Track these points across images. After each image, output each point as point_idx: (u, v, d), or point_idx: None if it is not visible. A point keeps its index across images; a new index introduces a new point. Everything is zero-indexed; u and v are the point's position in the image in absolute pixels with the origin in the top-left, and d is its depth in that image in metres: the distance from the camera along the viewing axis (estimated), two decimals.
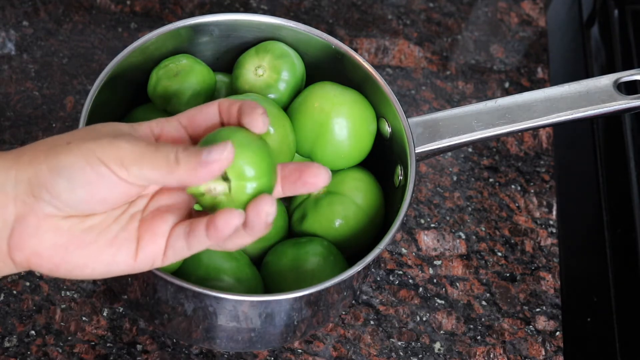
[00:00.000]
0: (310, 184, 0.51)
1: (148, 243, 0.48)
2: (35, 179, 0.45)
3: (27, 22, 0.80)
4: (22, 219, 0.46)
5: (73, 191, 0.45)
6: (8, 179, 0.46)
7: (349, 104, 0.64)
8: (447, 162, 0.78)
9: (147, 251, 0.48)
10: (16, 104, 0.75)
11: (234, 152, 0.46)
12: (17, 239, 0.46)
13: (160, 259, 0.49)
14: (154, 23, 0.82)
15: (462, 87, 0.83)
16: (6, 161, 0.46)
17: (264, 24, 0.66)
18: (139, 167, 0.46)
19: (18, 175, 0.46)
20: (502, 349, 0.69)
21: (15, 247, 0.46)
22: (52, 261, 0.47)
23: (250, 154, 0.48)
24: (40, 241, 0.46)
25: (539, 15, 0.89)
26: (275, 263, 0.62)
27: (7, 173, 0.46)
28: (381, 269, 0.71)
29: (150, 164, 0.46)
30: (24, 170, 0.46)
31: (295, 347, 0.66)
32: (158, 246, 0.48)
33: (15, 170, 0.46)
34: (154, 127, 0.50)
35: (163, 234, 0.48)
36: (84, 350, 0.64)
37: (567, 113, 0.65)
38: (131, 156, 0.46)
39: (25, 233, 0.46)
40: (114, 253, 0.48)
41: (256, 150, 0.48)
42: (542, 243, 0.74)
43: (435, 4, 0.88)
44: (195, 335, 0.61)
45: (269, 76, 0.64)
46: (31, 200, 0.46)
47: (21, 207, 0.46)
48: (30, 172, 0.46)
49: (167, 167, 0.46)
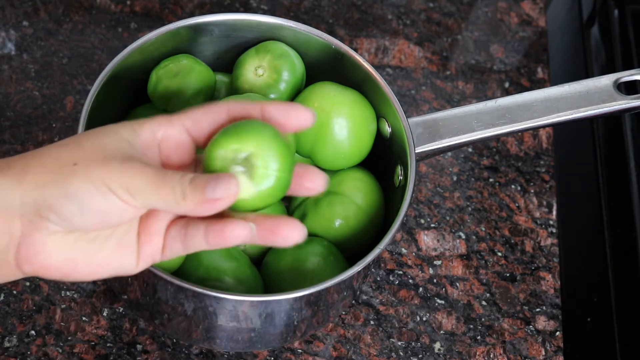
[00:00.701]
0: (307, 188, 0.51)
1: (145, 243, 0.48)
2: (43, 202, 0.45)
3: (27, 22, 0.80)
4: (29, 235, 0.46)
5: (83, 216, 0.45)
6: (14, 199, 0.45)
7: (349, 104, 0.64)
8: (447, 162, 0.78)
9: (146, 251, 0.48)
10: (16, 104, 0.75)
11: (239, 187, 0.46)
12: (24, 255, 0.46)
13: (159, 257, 0.49)
14: (154, 23, 0.82)
15: (462, 87, 0.83)
16: (9, 179, 0.46)
17: (264, 24, 0.66)
18: (146, 198, 0.46)
19: (24, 197, 0.45)
20: (502, 349, 0.69)
21: (24, 261, 0.46)
22: (62, 272, 0.47)
23: (279, 149, 0.48)
24: (48, 256, 0.46)
25: (539, 15, 0.89)
26: (275, 263, 0.62)
27: (12, 192, 0.45)
28: (381, 269, 0.71)
29: (157, 196, 0.46)
30: (30, 192, 0.45)
31: (295, 347, 0.66)
32: (156, 245, 0.48)
33: (20, 191, 0.45)
34: (156, 131, 0.49)
35: (159, 233, 0.48)
36: (84, 350, 0.64)
37: (567, 113, 0.65)
38: (139, 186, 0.45)
39: (32, 250, 0.46)
40: (120, 256, 0.48)
41: (284, 148, 0.49)
42: (542, 243, 0.74)
43: (435, 4, 0.88)
44: (195, 335, 0.61)
45: (269, 76, 0.64)
46: (37, 219, 0.45)
47: (27, 225, 0.45)
48: (37, 195, 0.45)
49: (174, 201, 0.46)
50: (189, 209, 0.46)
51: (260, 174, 0.48)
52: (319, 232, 0.64)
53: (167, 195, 0.46)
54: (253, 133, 0.49)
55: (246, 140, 0.48)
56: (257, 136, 0.49)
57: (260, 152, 0.48)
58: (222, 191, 0.46)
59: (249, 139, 0.49)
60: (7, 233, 0.45)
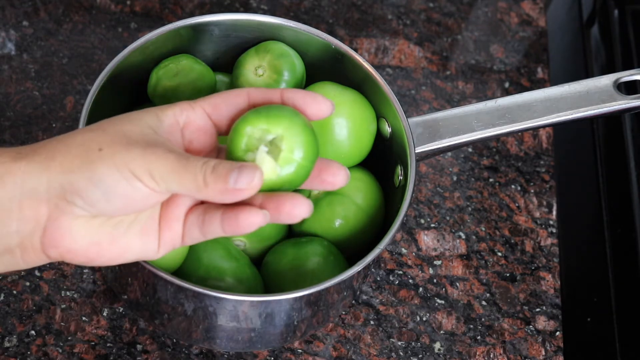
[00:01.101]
0: (328, 182, 0.52)
1: (166, 229, 0.49)
2: (70, 186, 0.46)
3: (27, 22, 0.80)
4: (55, 219, 0.46)
5: (109, 202, 0.46)
6: (40, 184, 0.46)
7: (349, 104, 0.64)
8: (447, 162, 0.78)
9: (166, 237, 0.49)
10: (16, 104, 0.75)
11: (262, 179, 0.46)
12: (50, 238, 0.47)
13: (179, 244, 0.50)
14: (154, 23, 0.82)
15: (462, 87, 0.83)
16: (35, 164, 0.46)
17: (264, 24, 0.66)
18: (168, 183, 0.46)
19: (50, 181, 0.46)
20: (502, 349, 0.69)
21: (50, 244, 0.47)
22: (87, 256, 0.48)
23: (306, 138, 0.49)
24: (74, 240, 0.47)
25: (539, 15, 0.89)
26: (275, 263, 0.62)
27: (38, 178, 0.46)
28: (381, 269, 0.71)
29: (179, 182, 0.46)
30: (56, 177, 0.46)
31: (295, 347, 0.66)
32: (175, 232, 0.49)
33: (47, 177, 0.46)
34: (179, 115, 0.50)
35: (178, 219, 0.49)
36: (84, 350, 0.64)
37: (567, 113, 0.65)
38: (162, 171, 0.46)
39: (58, 233, 0.47)
40: (143, 242, 0.49)
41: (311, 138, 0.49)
42: (542, 243, 0.74)
43: (435, 4, 0.88)
44: (195, 335, 0.61)
45: (269, 76, 0.64)
46: (63, 204, 0.46)
47: (54, 209, 0.46)
48: (63, 180, 0.46)
49: (196, 188, 0.46)
50: (210, 196, 0.46)
51: (284, 157, 0.48)
52: (319, 232, 0.64)
53: (189, 181, 0.46)
54: (284, 117, 0.49)
55: (276, 122, 0.49)
56: (288, 121, 0.49)
57: (288, 136, 0.48)
58: (244, 182, 0.46)
59: (279, 121, 0.49)
60: (34, 218, 0.46)
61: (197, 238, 0.50)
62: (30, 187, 0.46)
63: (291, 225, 0.66)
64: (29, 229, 0.46)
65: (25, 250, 0.47)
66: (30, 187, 0.46)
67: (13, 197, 0.46)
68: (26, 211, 0.46)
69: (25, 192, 0.46)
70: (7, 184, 0.46)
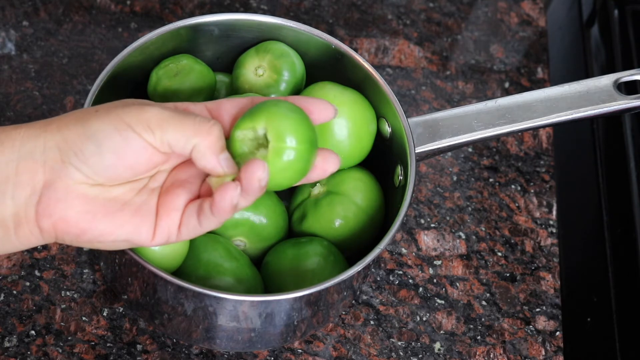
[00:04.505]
0: (319, 168, 0.52)
1: (163, 217, 0.50)
2: (64, 144, 0.47)
3: (27, 22, 0.80)
4: (51, 185, 0.47)
5: (101, 156, 0.47)
6: (37, 146, 0.47)
7: (349, 104, 0.64)
8: (447, 162, 0.78)
9: (163, 225, 0.50)
10: (16, 104, 0.75)
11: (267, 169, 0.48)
12: (45, 205, 0.47)
13: (175, 235, 0.50)
14: (154, 23, 0.82)
15: (462, 87, 0.83)
16: (34, 129, 0.48)
17: (264, 24, 0.66)
18: (164, 132, 0.47)
19: (47, 141, 0.47)
20: (502, 349, 0.69)
21: (44, 213, 0.47)
22: (79, 226, 0.48)
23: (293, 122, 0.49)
24: (68, 207, 0.47)
25: (539, 15, 0.89)
26: (275, 263, 0.62)
27: (35, 140, 0.47)
28: (381, 269, 0.71)
29: (179, 127, 0.47)
30: (52, 137, 0.47)
31: (295, 347, 0.66)
32: (173, 221, 0.50)
33: (43, 138, 0.47)
34: (179, 105, 0.52)
35: (177, 209, 0.50)
36: (84, 350, 0.64)
37: (567, 113, 0.65)
38: (159, 118, 0.47)
39: (53, 199, 0.47)
40: (137, 223, 0.49)
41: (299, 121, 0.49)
42: (542, 243, 0.74)
43: (435, 4, 0.88)
44: (195, 335, 0.61)
45: (269, 76, 0.64)
46: (60, 166, 0.47)
47: (50, 173, 0.47)
48: (59, 138, 0.47)
49: (194, 131, 0.47)
50: (207, 143, 0.48)
51: (274, 148, 0.48)
52: (319, 232, 0.64)
53: (189, 126, 0.47)
54: (263, 110, 0.49)
55: (257, 117, 0.49)
56: (267, 112, 0.49)
57: (272, 127, 0.48)
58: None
59: (259, 116, 0.49)
60: (30, 184, 0.47)
61: (194, 227, 0.50)
62: (27, 150, 0.47)
63: (291, 226, 0.66)
64: (24, 195, 0.47)
65: (19, 224, 0.48)
66: (27, 150, 0.47)
67: (10, 161, 0.47)
68: (22, 175, 0.47)
69: (22, 155, 0.47)
70: (6, 148, 0.47)
